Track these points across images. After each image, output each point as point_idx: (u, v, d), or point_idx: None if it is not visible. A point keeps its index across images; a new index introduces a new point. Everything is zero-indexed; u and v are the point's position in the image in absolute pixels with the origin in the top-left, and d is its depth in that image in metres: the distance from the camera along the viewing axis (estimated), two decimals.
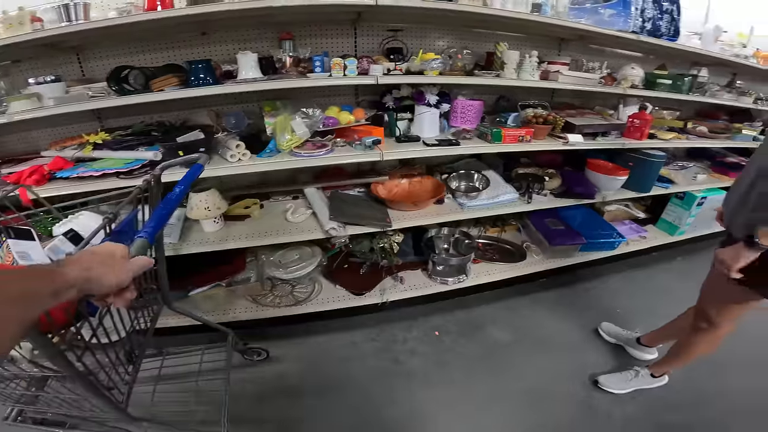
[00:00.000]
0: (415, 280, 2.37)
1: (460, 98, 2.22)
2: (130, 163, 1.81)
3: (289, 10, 1.70)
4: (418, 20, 2.34)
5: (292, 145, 1.89)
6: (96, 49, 2.11)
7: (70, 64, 2.13)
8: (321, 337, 2.28)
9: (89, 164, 1.85)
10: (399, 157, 1.94)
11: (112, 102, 1.72)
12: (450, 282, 2.35)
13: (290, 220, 2.10)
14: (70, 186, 1.77)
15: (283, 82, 1.80)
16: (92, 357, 1.03)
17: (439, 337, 2.31)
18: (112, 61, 2.14)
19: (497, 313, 2.48)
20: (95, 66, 2.14)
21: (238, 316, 2.19)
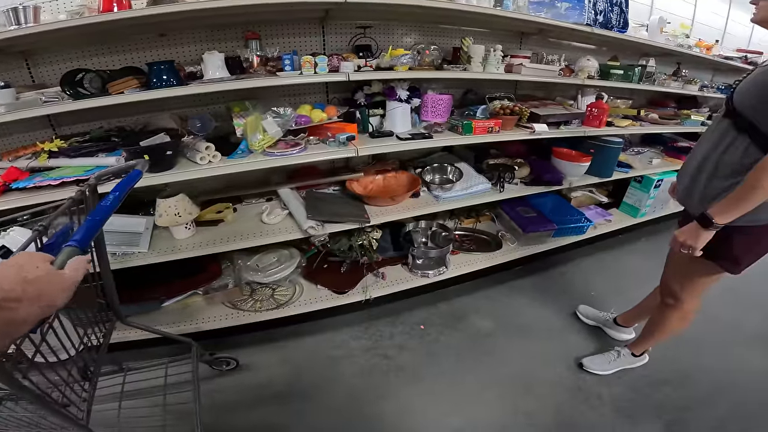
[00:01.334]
0: (397, 275, 2.33)
1: (430, 93, 2.20)
2: (90, 171, 1.66)
3: (247, 9, 1.62)
4: (385, 17, 2.30)
5: (264, 145, 1.80)
6: (46, 53, 1.94)
7: (18, 69, 1.95)
8: (307, 339, 2.18)
9: (46, 173, 1.69)
10: (374, 152, 1.89)
11: (69, 106, 1.58)
12: (431, 275, 2.32)
13: (266, 222, 2.01)
14: (27, 197, 1.61)
15: (252, 81, 1.71)
16: (41, 375, 0.95)
17: (425, 330, 2.27)
18: (64, 65, 1.98)
19: (478, 303, 2.47)
20: (46, 71, 1.97)
21: (218, 324, 2.07)
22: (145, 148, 1.62)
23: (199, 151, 1.72)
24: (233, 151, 1.84)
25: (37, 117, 1.62)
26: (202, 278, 2.13)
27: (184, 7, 1.50)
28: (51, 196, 1.63)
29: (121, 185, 1.12)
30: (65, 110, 1.60)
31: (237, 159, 1.77)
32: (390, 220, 2.10)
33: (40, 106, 1.59)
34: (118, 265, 1.83)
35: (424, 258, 2.30)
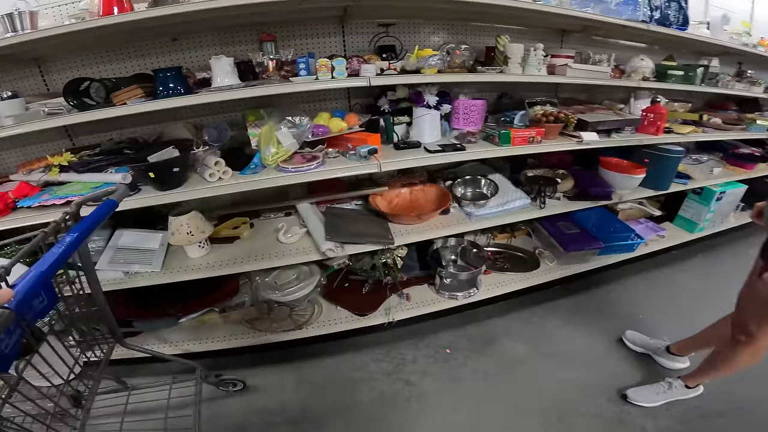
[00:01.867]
0: (423, 296, 2.10)
1: (462, 98, 1.93)
2: (97, 188, 1.53)
3: (252, 9, 1.43)
4: (410, 14, 2.05)
5: (278, 159, 1.61)
6: (58, 60, 1.83)
7: (32, 77, 1.85)
8: (325, 360, 2.01)
9: (55, 190, 1.57)
10: (398, 167, 1.66)
11: (70, 119, 1.45)
12: (460, 297, 2.08)
13: (283, 242, 1.82)
14: (34, 216, 1.49)
15: (263, 89, 1.51)
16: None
17: (451, 354, 2.04)
18: (77, 72, 1.87)
19: (510, 325, 2.21)
20: (59, 79, 1.86)
21: (233, 343, 1.92)
22: (150, 165, 1.46)
23: (209, 167, 1.55)
24: (246, 165, 1.66)
25: (52, 127, 1.50)
26: (219, 296, 1.99)
27: (185, 8, 1.32)
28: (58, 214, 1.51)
29: (92, 216, 1.00)
30: (68, 123, 1.47)
31: (248, 176, 1.59)
32: (416, 241, 1.87)
33: (42, 119, 1.46)
34: (129, 285, 1.70)
35: (453, 280, 2.05)
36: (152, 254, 1.78)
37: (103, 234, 1.79)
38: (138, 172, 1.49)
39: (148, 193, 1.53)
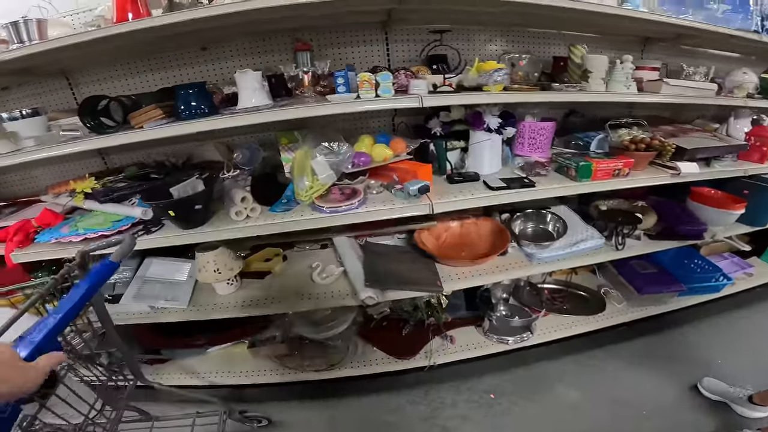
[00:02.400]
0: (468, 339, 1.83)
1: (529, 119, 1.58)
2: (118, 222, 1.36)
3: (286, 12, 1.16)
4: (463, 19, 1.70)
5: (313, 195, 1.36)
6: (85, 72, 1.66)
7: (60, 90, 1.70)
8: (358, 399, 1.80)
9: (76, 221, 1.42)
10: (454, 208, 1.36)
11: (84, 145, 1.25)
12: (511, 342, 1.79)
13: (317, 282, 1.59)
14: (50, 251, 1.35)
15: (293, 111, 1.24)
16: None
17: (495, 399, 1.77)
18: (104, 86, 1.70)
19: (564, 368, 1.89)
20: (88, 92, 1.69)
21: (260, 378, 1.75)
22: (170, 204, 1.26)
23: (235, 203, 1.32)
24: (278, 199, 1.43)
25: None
26: (250, 329, 1.81)
27: (205, 12, 1.08)
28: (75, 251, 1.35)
29: (90, 278, 0.90)
30: (80, 150, 1.28)
31: (280, 214, 1.35)
32: (468, 287, 1.58)
33: (59, 145, 1.28)
34: (155, 320, 1.55)
35: (505, 325, 1.76)
36: (180, 288, 1.61)
37: (132, 263, 1.63)
38: (157, 211, 1.30)
39: (170, 231, 1.34)
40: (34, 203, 1.72)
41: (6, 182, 1.87)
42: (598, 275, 2.09)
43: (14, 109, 1.44)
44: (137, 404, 1.45)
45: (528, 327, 1.78)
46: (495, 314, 1.76)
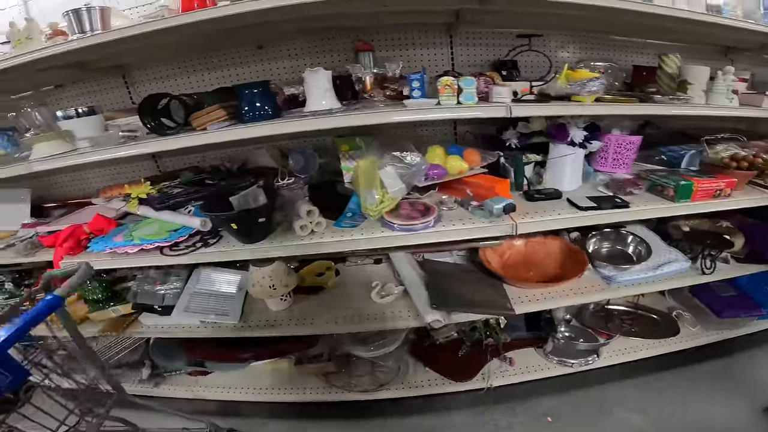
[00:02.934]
0: (528, 361, 1.67)
1: (616, 133, 1.41)
2: (176, 233, 1.24)
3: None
4: (540, 23, 1.53)
5: (383, 210, 1.22)
6: (142, 69, 1.57)
7: (117, 89, 1.61)
8: (408, 419, 1.65)
9: (128, 231, 1.31)
10: (541, 228, 1.21)
11: (144, 148, 1.15)
12: (574, 365, 1.63)
13: (376, 301, 1.45)
14: (103, 261, 1.25)
15: (371, 116, 1.11)
16: None
17: (553, 422, 1.61)
18: (160, 85, 1.60)
19: (626, 392, 1.70)
20: (144, 91, 1.61)
21: (305, 396, 1.63)
22: (232, 216, 1.13)
23: (300, 216, 1.20)
24: (341, 213, 1.30)
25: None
26: (296, 345, 1.69)
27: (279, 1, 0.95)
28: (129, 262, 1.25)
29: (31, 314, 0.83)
30: (142, 153, 1.18)
31: (348, 230, 1.22)
32: (539, 310, 1.42)
33: (117, 147, 1.18)
34: (204, 335, 1.44)
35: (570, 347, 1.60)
36: (229, 301, 1.50)
37: (182, 274, 1.53)
38: (217, 223, 1.18)
39: (229, 244, 1.22)
40: (85, 206, 1.64)
41: (56, 182, 1.80)
42: (667, 297, 1.90)
43: (69, 107, 1.36)
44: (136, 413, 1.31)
45: (596, 350, 1.61)
46: (559, 336, 1.59)
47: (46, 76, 1.46)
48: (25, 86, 1.58)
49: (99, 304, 1.53)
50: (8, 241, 1.50)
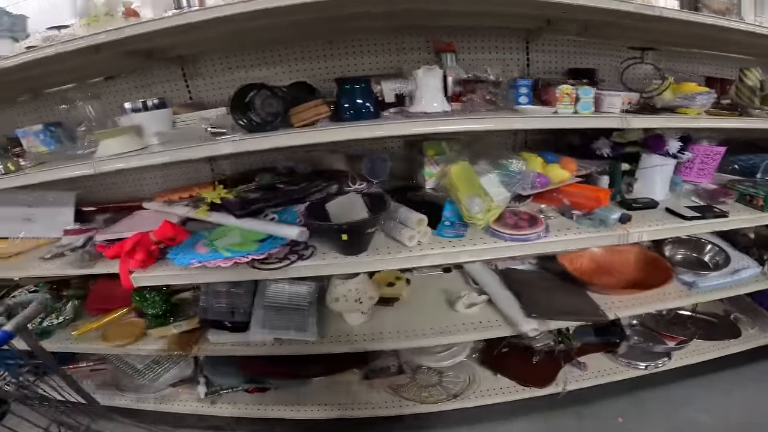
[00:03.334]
0: (598, 365, 1.65)
1: (704, 143, 1.41)
2: (265, 244, 1.13)
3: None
4: (614, 34, 1.51)
5: (491, 219, 1.16)
6: (203, 61, 1.44)
7: (174, 82, 1.47)
8: (474, 428, 1.59)
9: (209, 241, 1.19)
10: (651, 237, 1.19)
11: (244, 145, 1.02)
12: (647, 367, 1.63)
13: (461, 312, 1.39)
14: (189, 276, 1.13)
15: (488, 121, 1.06)
16: None
17: (623, 423, 1.59)
18: (223, 78, 1.48)
19: (692, 392, 1.70)
20: (204, 85, 1.48)
21: (374, 411, 1.54)
22: (342, 226, 1.04)
23: (407, 226, 1.12)
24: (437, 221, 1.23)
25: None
26: (362, 357, 1.60)
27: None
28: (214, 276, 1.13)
29: None
30: (237, 151, 1.05)
31: (455, 240, 1.15)
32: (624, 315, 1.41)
33: (206, 143, 1.05)
34: (279, 352, 1.35)
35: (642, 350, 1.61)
36: (303, 315, 1.39)
37: (249, 286, 1.41)
38: (324, 234, 1.08)
39: (325, 257, 1.12)
40: (135, 210, 1.49)
41: (95, 184, 1.61)
42: (724, 301, 1.94)
43: (120, 102, 1.22)
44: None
45: (667, 353, 1.63)
46: (633, 340, 1.59)
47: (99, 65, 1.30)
48: (64, 78, 1.41)
49: (159, 318, 1.40)
50: (53, 249, 1.33)
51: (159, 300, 1.38)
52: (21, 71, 1.04)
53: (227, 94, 1.46)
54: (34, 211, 1.38)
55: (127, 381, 1.65)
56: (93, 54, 1.03)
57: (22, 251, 1.39)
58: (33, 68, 1.04)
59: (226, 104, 1.44)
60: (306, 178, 1.40)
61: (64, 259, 1.29)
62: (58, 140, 1.34)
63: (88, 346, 1.42)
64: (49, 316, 1.48)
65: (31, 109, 1.51)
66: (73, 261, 1.23)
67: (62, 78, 1.36)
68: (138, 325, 1.45)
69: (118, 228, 1.32)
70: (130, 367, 1.66)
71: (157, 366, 1.66)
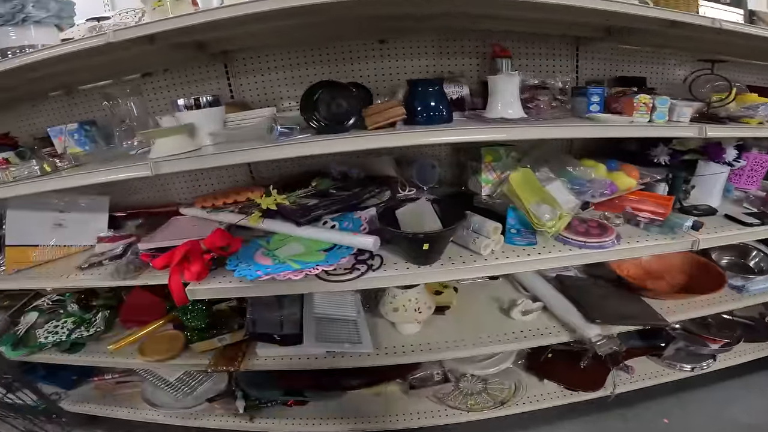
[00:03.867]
0: (644, 368, 1.65)
1: (755, 151, 1.42)
2: (332, 254, 1.07)
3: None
4: (657, 42, 1.51)
5: (561, 227, 1.13)
6: (247, 57, 1.36)
7: (216, 80, 1.38)
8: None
9: (268, 250, 1.12)
10: (719, 243, 1.18)
11: (315, 146, 0.95)
12: (693, 369, 1.63)
13: (516, 319, 1.36)
14: (249, 289, 1.05)
15: (565, 129, 1.03)
16: None
17: (669, 424, 1.60)
18: (266, 77, 1.40)
19: (735, 394, 1.73)
20: (246, 84, 1.40)
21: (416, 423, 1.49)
22: (427, 236, 0.99)
23: (483, 235, 1.07)
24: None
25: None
26: (407, 368, 1.55)
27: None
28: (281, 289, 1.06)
29: None
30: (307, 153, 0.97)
31: (526, 248, 1.11)
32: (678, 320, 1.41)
33: (273, 145, 0.96)
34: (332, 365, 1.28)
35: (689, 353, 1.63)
36: (354, 327, 1.34)
37: (296, 297, 1.34)
38: (405, 245, 1.03)
39: (395, 268, 1.05)
40: (170, 215, 1.39)
41: (119, 188, 1.50)
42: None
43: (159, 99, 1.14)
44: None
45: (713, 355, 1.64)
46: (680, 344, 1.61)
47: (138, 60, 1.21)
48: (100, 73, 1.30)
49: (201, 332, 1.31)
50: (91, 258, 1.23)
51: (203, 312, 1.29)
52: (63, 62, 0.94)
53: (270, 94, 1.42)
54: (65, 217, 1.27)
55: (159, 395, 1.55)
56: (147, 44, 0.95)
57: (52, 259, 1.28)
58: (73, 60, 0.94)
59: (268, 104, 1.39)
60: (359, 183, 1.34)
61: (104, 268, 1.19)
62: (92, 140, 1.23)
63: (125, 361, 1.33)
64: (78, 327, 1.38)
65: (58, 107, 1.40)
66: (116, 271, 1.13)
67: (98, 73, 1.26)
68: (177, 338, 1.36)
69: (161, 236, 1.23)
70: (160, 380, 1.56)
71: (190, 379, 1.57)
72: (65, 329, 1.39)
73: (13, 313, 1.47)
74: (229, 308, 1.46)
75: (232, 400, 1.52)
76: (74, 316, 1.39)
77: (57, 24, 1.00)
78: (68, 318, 1.38)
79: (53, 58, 0.87)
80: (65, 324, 1.41)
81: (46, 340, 1.37)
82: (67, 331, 1.37)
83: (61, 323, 1.41)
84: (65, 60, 0.92)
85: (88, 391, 1.64)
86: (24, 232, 1.21)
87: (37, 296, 1.49)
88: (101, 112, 1.28)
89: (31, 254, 1.24)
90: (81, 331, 1.37)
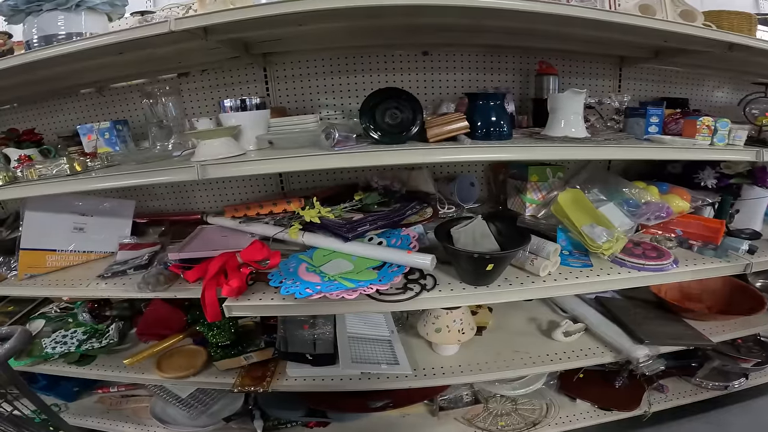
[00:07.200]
0: (677, 387, 1.62)
1: None
2: (384, 272, 1.00)
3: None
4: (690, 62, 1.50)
5: (617, 249, 1.08)
6: (291, 60, 1.29)
7: (254, 83, 1.30)
8: None
9: (313, 267, 1.04)
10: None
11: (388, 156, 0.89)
12: (726, 387, 1.60)
13: (558, 340, 1.31)
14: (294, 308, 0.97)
15: (629, 150, 0.98)
16: None
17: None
18: (303, 83, 1.33)
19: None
20: (284, 89, 1.33)
21: None
22: (491, 256, 0.92)
23: (544, 257, 1.01)
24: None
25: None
26: (434, 389, 1.47)
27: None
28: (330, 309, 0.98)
29: None
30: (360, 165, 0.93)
31: (581, 269, 1.06)
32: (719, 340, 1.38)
33: (337, 153, 0.89)
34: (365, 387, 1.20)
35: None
36: (388, 347, 1.26)
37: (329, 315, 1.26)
38: (461, 259, 0.96)
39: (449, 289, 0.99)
40: (194, 224, 1.30)
41: (138, 192, 1.40)
42: None
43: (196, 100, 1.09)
44: None
45: (745, 374, 1.61)
46: (715, 362, 1.58)
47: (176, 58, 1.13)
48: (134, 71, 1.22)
49: (226, 349, 1.21)
50: (111, 266, 1.12)
51: (230, 329, 1.20)
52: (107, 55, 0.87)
53: (309, 102, 1.35)
54: (86, 221, 1.16)
55: (171, 412, 1.44)
56: (200, 38, 0.87)
57: (68, 266, 1.18)
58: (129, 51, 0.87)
59: (305, 111, 1.33)
60: (401, 199, 1.28)
61: (128, 278, 1.09)
62: (123, 140, 1.14)
63: (141, 376, 1.22)
64: (90, 338, 1.26)
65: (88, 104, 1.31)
66: (145, 283, 1.03)
67: (133, 70, 1.17)
68: (198, 354, 1.26)
69: (192, 246, 1.14)
70: (172, 396, 1.45)
71: (205, 396, 1.46)
72: (75, 339, 1.28)
73: (18, 320, 1.35)
74: (254, 323, 1.38)
75: (249, 419, 1.42)
76: (85, 325, 1.28)
77: (108, 13, 0.92)
78: (78, 327, 1.26)
79: (112, 45, 0.79)
80: (74, 334, 1.30)
81: (54, 350, 1.26)
82: (77, 341, 1.26)
83: (70, 333, 1.30)
84: (125, 48, 0.84)
85: (90, 404, 1.52)
86: (42, 235, 1.11)
87: (45, 302, 1.37)
88: (132, 112, 1.19)
89: (46, 259, 1.13)
90: (92, 343, 1.26)
